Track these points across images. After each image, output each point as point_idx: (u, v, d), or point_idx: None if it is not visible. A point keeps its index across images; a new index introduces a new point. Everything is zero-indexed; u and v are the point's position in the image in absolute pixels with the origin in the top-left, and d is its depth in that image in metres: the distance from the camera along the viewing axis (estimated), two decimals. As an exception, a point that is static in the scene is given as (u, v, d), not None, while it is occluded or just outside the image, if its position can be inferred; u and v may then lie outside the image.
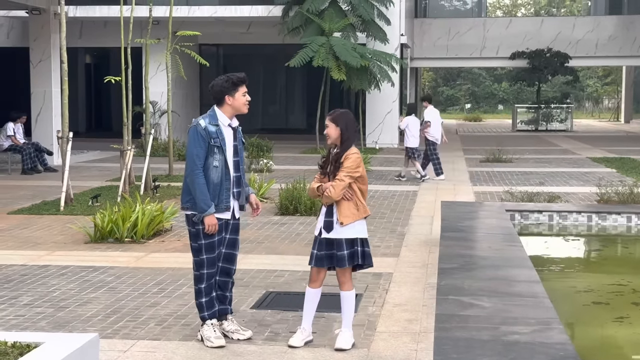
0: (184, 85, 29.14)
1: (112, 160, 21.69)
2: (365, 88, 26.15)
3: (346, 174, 6.26)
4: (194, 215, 6.42)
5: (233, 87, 6.46)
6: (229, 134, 6.51)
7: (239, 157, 6.58)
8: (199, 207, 6.34)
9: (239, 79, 6.50)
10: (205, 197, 6.32)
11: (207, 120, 6.46)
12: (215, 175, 6.42)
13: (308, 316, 6.47)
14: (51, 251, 10.11)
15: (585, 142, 30.83)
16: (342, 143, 6.39)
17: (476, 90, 70.59)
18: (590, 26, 38.17)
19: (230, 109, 6.49)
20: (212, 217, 6.35)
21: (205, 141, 6.38)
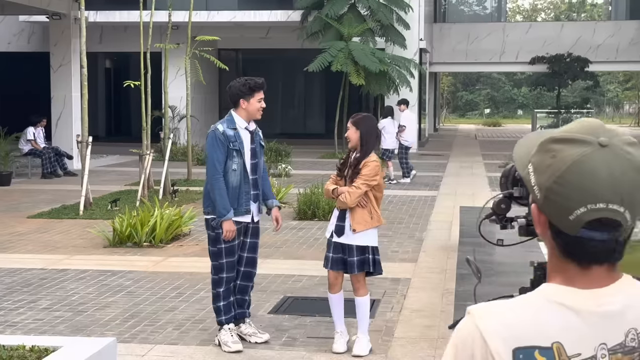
0: (203, 89, 29.21)
1: (131, 164, 21.75)
2: (384, 93, 26.12)
3: (363, 181, 6.24)
4: (212, 219, 6.42)
5: (249, 92, 6.46)
6: (246, 137, 6.52)
7: (257, 159, 6.58)
8: (218, 212, 6.34)
9: (257, 85, 6.51)
10: (224, 202, 6.32)
11: (225, 124, 6.47)
12: (235, 179, 6.42)
13: (338, 319, 6.46)
14: (70, 255, 10.15)
15: (605, 148, 30.63)
16: (361, 147, 6.38)
17: (495, 95, 70.40)
18: (610, 31, 37.97)
19: (245, 113, 6.50)
20: (230, 222, 6.35)
21: (224, 145, 6.39)
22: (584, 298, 1.53)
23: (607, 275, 1.54)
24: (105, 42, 29.98)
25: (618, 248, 1.53)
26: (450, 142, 34.40)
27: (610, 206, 1.49)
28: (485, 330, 1.53)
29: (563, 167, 1.51)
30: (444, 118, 58.30)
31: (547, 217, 1.55)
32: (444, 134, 42.83)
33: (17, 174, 19.17)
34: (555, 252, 1.57)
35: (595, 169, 1.49)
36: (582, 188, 1.49)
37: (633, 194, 1.50)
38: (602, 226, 1.50)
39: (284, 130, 31.43)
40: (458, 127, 53.10)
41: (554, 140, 1.54)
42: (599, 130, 1.53)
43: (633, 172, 1.50)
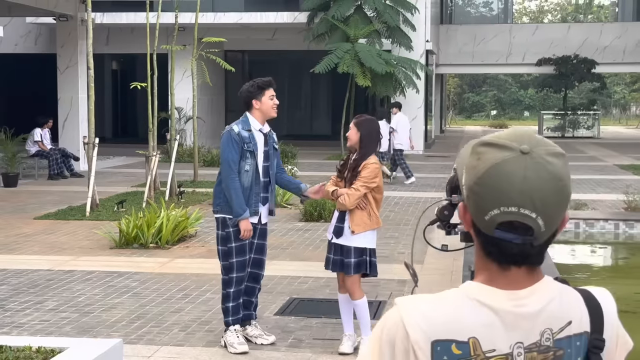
0: (209, 91, 29.22)
1: (137, 166, 21.77)
2: (390, 94, 26.10)
3: (362, 184, 6.23)
4: (229, 218, 6.40)
5: (259, 91, 6.48)
6: (260, 139, 6.53)
7: (269, 162, 6.59)
8: (234, 212, 6.34)
9: (265, 82, 6.53)
10: (240, 201, 6.33)
11: (240, 125, 6.49)
12: (246, 180, 6.43)
13: (347, 321, 6.46)
14: (76, 256, 10.16)
15: (612, 149, 30.60)
16: (360, 149, 6.38)
17: (502, 97, 70.30)
18: (617, 32, 37.89)
19: (259, 113, 6.51)
20: (247, 221, 6.36)
21: (238, 145, 6.41)
22: (502, 298, 1.59)
23: (526, 278, 1.61)
24: (112, 44, 30.02)
25: (534, 252, 1.59)
26: (457, 144, 34.34)
27: (522, 210, 1.55)
28: (408, 321, 1.59)
29: (483, 169, 1.57)
30: (450, 120, 58.24)
31: (471, 216, 1.63)
32: (450, 135, 42.77)
33: (24, 175, 19.20)
34: (479, 252, 1.65)
35: (512, 174, 1.55)
36: (497, 190, 1.55)
37: (546, 202, 1.55)
38: (515, 229, 1.56)
39: (290, 132, 31.41)
40: (464, 128, 53.02)
41: (482, 144, 1.61)
42: (525, 139, 1.59)
43: (549, 180, 1.55)
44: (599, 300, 1.67)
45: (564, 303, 1.62)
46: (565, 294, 1.64)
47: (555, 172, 1.56)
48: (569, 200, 1.60)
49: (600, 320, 1.66)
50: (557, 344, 1.61)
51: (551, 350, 1.61)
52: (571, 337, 1.62)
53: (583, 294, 1.67)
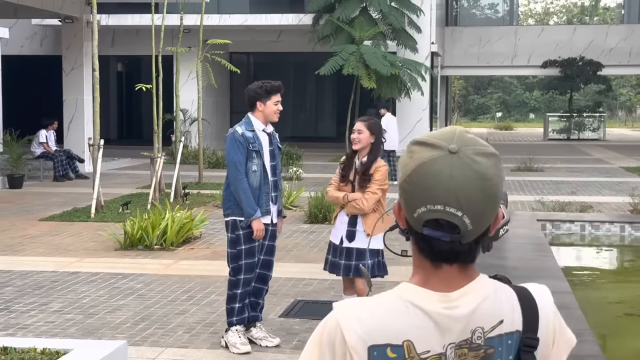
0: (215, 93, 29.25)
1: (142, 167, 21.79)
2: (395, 96, 26.11)
3: (378, 187, 6.26)
4: (240, 220, 6.38)
5: (266, 95, 6.46)
6: (265, 139, 6.52)
7: (275, 161, 6.59)
8: (245, 212, 6.33)
9: (273, 87, 6.50)
10: (250, 201, 6.32)
11: (243, 127, 6.49)
12: (255, 180, 6.42)
13: None
14: (81, 258, 10.16)
15: (618, 152, 30.54)
16: (371, 152, 6.37)
17: (507, 99, 70.25)
18: (623, 34, 37.84)
19: (261, 115, 6.50)
20: (259, 221, 6.35)
21: (244, 147, 6.39)
22: (435, 300, 1.61)
23: (459, 276, 1.63)
24: (117, 46, 30.07)
25: (464, 250, 1.60)
26: (462, 146, 34.27)
27: (447, 209, 1.56)
28: (345, 326, 1.61)
29: (412, 167, 1.60)
30: (455, 122, 58.20)
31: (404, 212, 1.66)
32: (456, 137, 42.67)
33: (29, 176, 19.22)
34: (414, 248, 1.67)
35: (438, 172, 1.57)
36: (424, 188, 1.58)
37: (472, 200, 1.56)
38: (441, 227, 1.58)
39: (295, 134, 31.42)
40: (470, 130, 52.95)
41: (414, 143, 1.64)
42: (455, 138, 1.61)
43: (475, 179, 1.57)
44: (535, 298, 1.68)
45: (497, 302, 1.63)
46: (499, 292, 1.64)
47: (482, 171, 1.57)
48: (497, 200, 1.61)
49: (535, 318, 1.66)
50: (488, 342, 1.62)
51: (482, 348, 1.62)
52: (502, 336, 1.63)
53: (518, 292, 1.67)
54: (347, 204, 6.31)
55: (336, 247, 6.45)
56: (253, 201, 6.35)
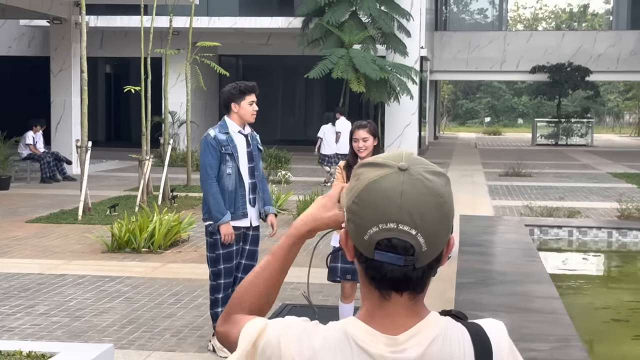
0: (203, 95, 29.22)
1: (130, 169, 21.73)
2: (384, 100, 26.12)
3: None
4: (210, 224, 6.40)
5: (240, 95, 6.42)
6: (240, 141, 6.48)
7: (254, 163, 6.55)
8: (213, 216, 6.33)
9: (247, 88, 6.46)
10: (219, 205, 6.30)
11: (217, 129, 6.46)
12: (230, 183, 6.40)
13: None
14: (68, 260, 10.11)
15: (605, 157, 30.64)
16: (374, 154, 6.37)
17: (496, 104, 70.41)
18: (611, 41, 38.00)
19: (237, 117, 6.46)
20: (227, 225, 6.32)
21: (216, 150, 6.37)
22: (381, 343, 1.54)
23: (407, 312, 1.56)
24: (106, 47, 30.00)
25: (416, 276, 1.53)
26: (451, 151, 34.38)
27: (400, 227, 1.50)
28: (285, 351, 1.58)
29: (360, 187, 1.54)
30: (444, 126, 58.29)
31: (352, 241, 1.57)
32: (444, 142, 42.80)
33: (16, 178, 19.13)
34: (362, 279, 1.59)
35: (389, 189, 1.51)
36: (374, 207, 1.51)
37: (426, 217, 1.50)
38: (394, 248, 1.50)
39: (284, 137, 31.41)
40: (458, 135, 53.09)
41: (361, 165, 1.59)
42: (403, 157, 1.55)
43: (428, 196, 1.51)
44: (489, 336, 1.60)
45: (447, 344, 1.55)
46: (450, 332, 1.57)
47: (434, 189, 1.52)
48: (450, 219, 1.54)
49: (489, 357, 1.58)
50: None
51: None
52: None
53: (472, 330, 1.60)
54: None
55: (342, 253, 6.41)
56: (222, 205, 6.32)
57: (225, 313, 1.83)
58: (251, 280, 1.83)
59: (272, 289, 1.84)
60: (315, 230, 1.83)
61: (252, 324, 1.69)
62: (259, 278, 1.82)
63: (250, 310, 1.81)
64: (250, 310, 1.81)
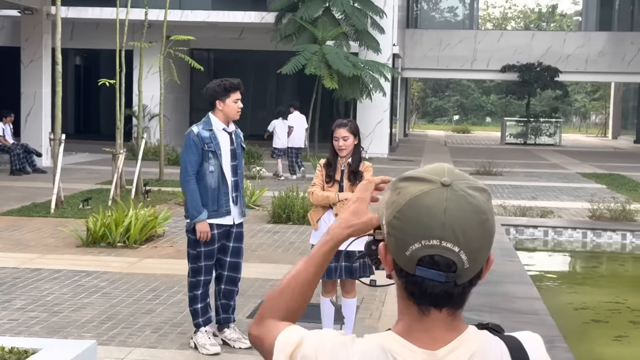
0: (175, 89, 29.04)
1: (100, 162, 21.55)
2: (356, 97, 26.14)
3: None
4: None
5: (224, 93, 6.39)
6: (224, 138, 6.44)
7: (237, 161, 6.51)
8: (190, 214, 6.30)
9: (232, 85, 6.43)
10: (196, 203, 6.26)
11: (200, 126, 6.42)
12: (212, 180, 6.36)
13: (327, 325, 6.40)
14: (43, 254, 10.00)
15: (574, 157, 30.92)
16: (355, 153, 6.37)
17: (464, 102, 70.78)
18: (580, 41, 38.33)
19: (221, 114, 6.43)
20: (204, 223, 6.28)
21: (198, 147, 6.33)
22: (420, 358, 1.53)
23: (445, 327, 1.55)
24: (76, 39, 29.70)
25: (457, 292, 1.52)
26: (421, 148, 34.50)
27: (443, 244, 1.48)
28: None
29: (403, 202, 1.52)
30: (413, 124, 58.49)
31: (391, 255, 1.56)
32: (414, 139, 42.94)
33: (-15, 169, 18.91)
34: (401, 293, 1.58)
35: (432, 206, 1.49)
36: (417, 223, 1.50)
37: (468, 235, 1.49)
38: (437, 265, 1.49)
39: (255, 132, 31.28)
40: (427, 133, 53.31)
41: (401, 179, 1.58)
42: (445, 172, 1.54)
43: (471, 213, 1.50)
44: (527, 350, 1.59)
45: (485, 358, 1.55)
46: (488, 346, 1.56)
47: (477, 205, 1.50)
48: (492, 236, 1.54)
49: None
50: None
51: None
52: None
53: (510, 344, 1.59)
54: (338, 203, 6.26)
55: None
56: (199, 203, 6.29)
57: (259, 316, 1.82)
58: (285, 284, 1.82)
59: (306, 293, 1.82)
60: (351, 236, 1.82)
61: (288, 334, 1.68)
62: (294, 282, 1.81)
63: (285, 313, 1.80)
64: (285, 313, 1.80)
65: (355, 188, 6.16)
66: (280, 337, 1.69)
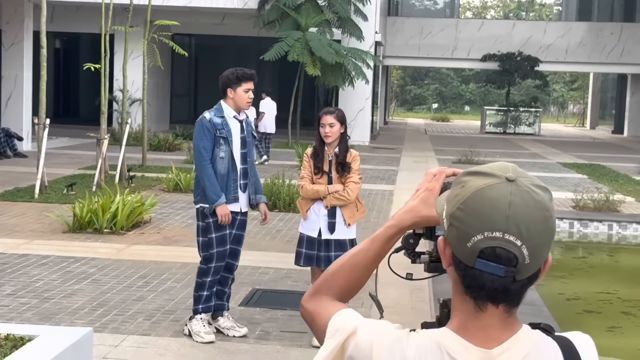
0: (156, 74, 28.85)
1: (82, 147, 21.40)
2: (339, 84, 26.09)
3: (358, 176, 6.35)
4: (205, 207, 6.32)
5: (237, 82, 6.41)
6: (235, 126, 6.46)
7: (246, 149, 6.52)
8: (209, 198, 6.26)
9: (245, 75, 6.46)
10: (214, 187, 6.26)
11: (212, 113, 6.44)
12: (222, 167, 6.36)
13: None
14: (29, 240, 9.92)
15: (553, 147, 31.07)
16: (341, 142, 6.38)
17: (444, 90, 70.93)
18: (561, 31, 38.47)
19: (232, 102, 6.46)
20: (224, 206, 6.28)
21: (210, 133, 6.33)
22: (474, 356, 1.52)
23: (501, 325, 1.54)
24: (56, 22, 29.37)
25: (515, 288, 1.51)
26: (401, 136, 34.54)
27: (506, 236, 1.48)
28: (378, 356, 1.57)
29: (467, 194, 1.52)
30: (392, 111, 58.55)
31: (451, 248, 1.56)
32: (394, 127, 42.99)
33: (-34, 153, 18.71)
34: (457, 288, 1.57)
35: (497, 198, 1.50)
36: (481, 215, 1.50)
37: (532, 230, 1.49)
38: (498, 258, 1.49)
39: (236, 118, 31.17)
40: (407, 121, 53.36)
41: (466, 174, 1.58)
42: (510, 169, 1.55)
43: (535, 209, 1.50)
44: (578, 350, 1.59)
45: (539, 358, 1.54)
46: (542, 346, 1.56)
47: (542, 202, 1.51)
48: (553, 234, 1.54)
49: None
50: None
51: None
52: None
53: (562, 345, 1.58)
54: (328, 196, 6.28)
55: (312, 240, 6.42)
56: (217, 187, 6.28)
57: (314, 290, 1.84)
58: (346, 261, 1.84)
59: (364, 273, 1.85)
60: (416, 225, 1.82)
61: (342, 318, 1.69)
62: (354, 259, 1.84)
63: (340, 290, 1.82)
64: (340, 290, 1.82)
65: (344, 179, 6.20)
66: (334, 320, 1.69)
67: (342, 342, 1.63)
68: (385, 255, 1.85)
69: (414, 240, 1.89)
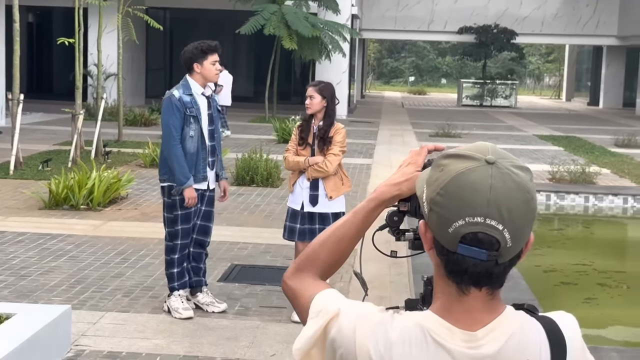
0: (130, 48, 28.59)
1: (56, 123, 21.20)
2: (316, 58, 26.00)
3: (340, 148, 6.35)
4: (172, 187, 6.27)
5: (202, 55, 6.32)
6: (203, 102, 6.40)
7: (214, 125, 6.46)
8: (177, 180, 6.20)
9: (209, 47, 6.37)
10: (183, 169, 6.19)
11: (180, 90, 6.33)
12: (192, 145, 6.29)
13: None
14: (5, 217, 9.84)
15: (529, 119, 31.17)
16: (326, 116, 6.37)
17: (420, 63, 70.88)
18: (536, 3, 38.50)
19: (200, 77, 6.37)
20: (191, 189, 6.22)
21: (180, 111, 6.25)
22: (458, 339, 1.52)
23: (484, 308, 1.53)
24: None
25: (497, 271, 1.51)
26: (378, 110, 34.52)
27: (488, 221, 1.47)
28: (361, 346, 1.56)
29: (447, 178, 1.50)
30: (369, 85, 58.47)
31: (432, 233, 1.54)
32: (371, 101, 42.94)
33: (-61, 129, 18.50)
34: (439, 271, 1.56)
35: (477, 183, 1.48)
36: (461, 200, 1.48)
37: (513, 213, 1.47)
38: (480, 243, 1.47)
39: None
40: (384, 94, 53.32)
41: (445, 156, 1.55)
42: (490, 151, 1.52)
43: (516, 191, 1.48)
44: (562, 330, 1.59)
45: (524, 339, 1.54)
46: (526, 327, 1.56)
47: (522, 184, 1.49)
48: (534, 216, 1.53)
49: (563, 352, 1.57)
50: None
51: None
52: None
53: (546, 325, 1.59)
54: (309, 168, 6.28)
55: (296, 212, 6.42)
56: (186, 169, 6.21)
57: (296, 266, 1.82)
58: (329, 235, 1.83)
59: (347, 247, 1.83)
60: (398, 197, 1.82)
61: (325, 299, 1.68)
62: (337, 233, 1.83)
63: (323, 265, 1.81)
64: (323, 265, 1.81)
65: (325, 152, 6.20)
66: (317, 300, 1.68)
67: (325, 325, 1.62)
68: (367, 228, 1.84)
69: (398, 217, 1.88)
